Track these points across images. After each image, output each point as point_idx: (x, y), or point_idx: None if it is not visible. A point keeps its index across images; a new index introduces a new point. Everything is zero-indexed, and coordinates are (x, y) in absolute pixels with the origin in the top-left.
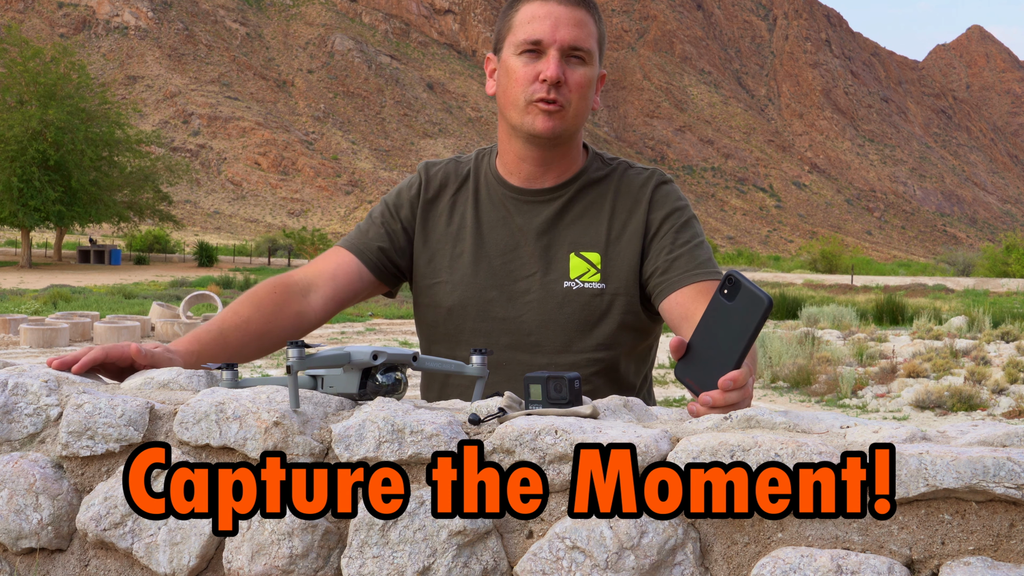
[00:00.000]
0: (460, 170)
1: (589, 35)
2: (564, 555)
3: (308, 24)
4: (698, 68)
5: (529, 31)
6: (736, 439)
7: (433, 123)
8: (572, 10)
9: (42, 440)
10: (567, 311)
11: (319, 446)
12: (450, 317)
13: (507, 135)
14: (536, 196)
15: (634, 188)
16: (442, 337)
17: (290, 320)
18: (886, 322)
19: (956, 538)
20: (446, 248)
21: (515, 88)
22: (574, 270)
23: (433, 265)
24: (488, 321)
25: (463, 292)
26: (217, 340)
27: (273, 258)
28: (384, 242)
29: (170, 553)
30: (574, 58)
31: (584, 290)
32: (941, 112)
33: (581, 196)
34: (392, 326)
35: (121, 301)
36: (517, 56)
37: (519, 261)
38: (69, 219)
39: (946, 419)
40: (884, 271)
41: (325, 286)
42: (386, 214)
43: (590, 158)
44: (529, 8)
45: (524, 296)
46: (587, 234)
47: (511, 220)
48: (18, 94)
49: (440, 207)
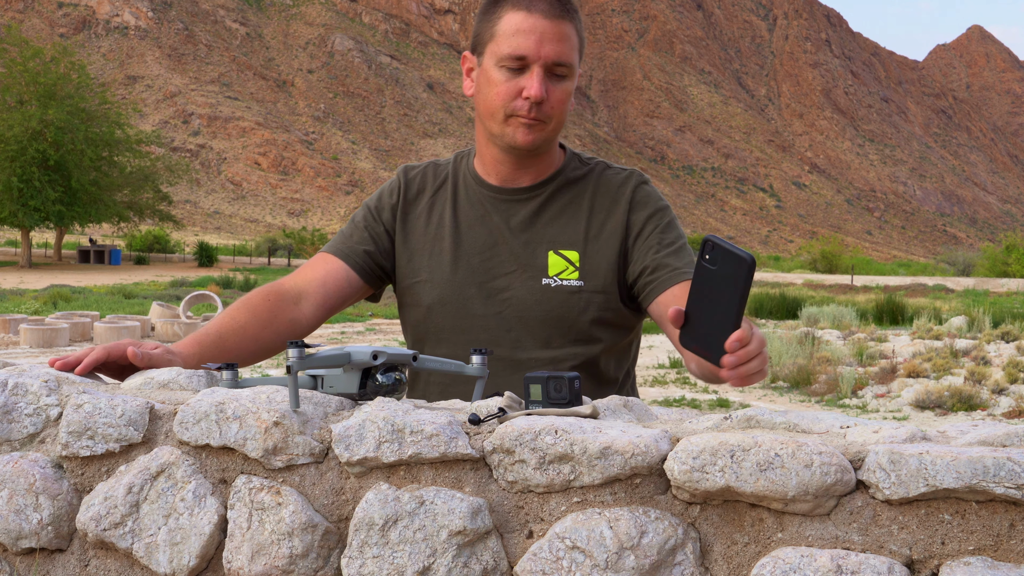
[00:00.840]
0: (439, 172)
1: (571, 48)
2: (564, 555)
3: (308, 24)
4: (698, 68)
5: (514, 45)
6: (736, 439)
7: (433, 123)
8: (556, 24)
9: (42, 440)
10: (546, 308)
11: (319, 446)
12: (430, 315)
13: (485, 139)
14: (514, 195)
15: (613, 187)
16: (424, 335)
17: (284, 327)
18: (886, 322)
19: (956, 538)
20: (425, 248)
21: (496, 100)
22: (552, 268)
23: (412, 265)
24: (467, 318)
25: (442, 290)
26: (216, 343)
27: (273, 258)
28: (369, 245)
29: (170, 553)
30: (556, 75)
31: (563, 287)
32: (941, 112)
33: (559, 195)
34: (392, 326)
35: (121, 301)
36: (499, 69)
37: (497, 259)
38: (69, 219)
39: (946, 419)
40: (884, 271)
41: (316, 293)
42: (368, 218)
43: (568, 158)
44: (513, 19)
45: (502, 293)
46: (565, 232)
47: (489, 218)
48: (18, 94)
49: (419, 209)
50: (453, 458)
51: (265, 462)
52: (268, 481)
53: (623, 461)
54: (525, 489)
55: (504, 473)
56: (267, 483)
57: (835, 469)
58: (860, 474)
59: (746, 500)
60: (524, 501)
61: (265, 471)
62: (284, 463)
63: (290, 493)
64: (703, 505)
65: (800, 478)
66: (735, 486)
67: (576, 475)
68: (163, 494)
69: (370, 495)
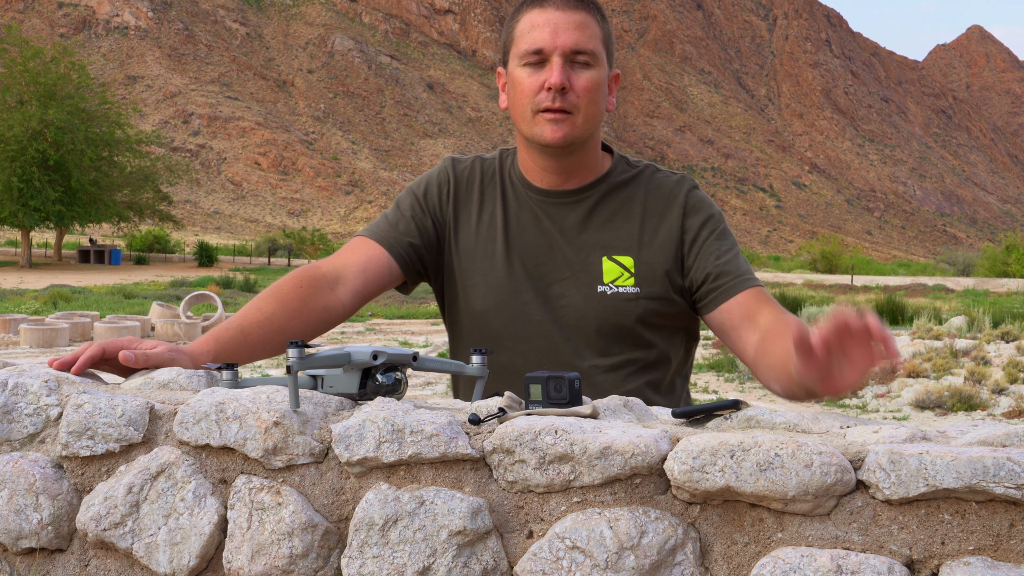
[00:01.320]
0: (486, 168)
1: (592, 36)
2: (564, 555)
3: (308, 24)
4: (698, 68)
5: (530, 40)
6: (736, 439)
7: (433, 123)
8: (571, 14)
9: (42, 440)
10: (602, 316)
11: (319, 446)
12: (485, 320)
13: (524, 145)
14: (563, 198)
15: (664, 191)
16: (476, 341)
17: (316, 315)
18: (886, 322)
19: (956, 538)
20: (477, 248)
21: (522, 99)
22: (607, 274)
23: (463, 264)
24: (527, 325)
25: (497, 295)
26: (237, 338)
27: (273, 258)
28: (415, 238)
29: (170, 553)
30: (578, 63)
31: (619, 294)
32: (941, 112)
33: (609, 198)
34: (392, 326)
35: (121, 301)
36: (522, 67)
37: (551, 264)
38: (69, 219)
39: (946, 419)
40: (884, 271)
41: (355, 279)
42: (416, 208)
43: (616, 161)
44: (528, 17)
45: (559, 300)
46: (618, 237)
47: (540, 222)
48: (18, 94)
49: (471, 206)
50: (453, 458)
51: (265, 462)
52: (268, 481)
53: (623, 461)
54: (525, 489)
55: (504, 473)
56: (267, 483)
57: (835, 469)
58: (860, 474)
59: (746, 500)
60: (524, 501)
61: (265, 471)
62: (284, 463)
63: (290, 493)
64: (703, 505)
65: (800, 478)
66: (735, 486)
67: (576, 475)
68: (163, 494)
69: (370, 495)
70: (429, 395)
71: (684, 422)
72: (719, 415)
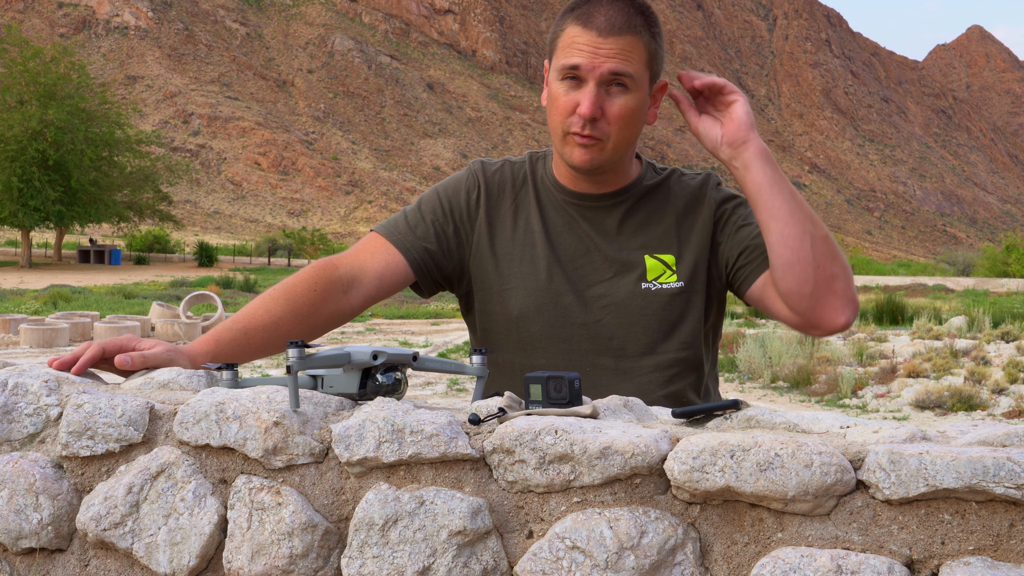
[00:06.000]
0: (516, 172)
1: (634, 60)
2: (564, 555)
3: (308, 24)
4: (698, 68)
5: (568, 56)
6: (736, 439)
7: (433, 123)
8: (614, 40)
9: (42, 440)
10: (648, 313)
11: (319, 446)
12: (522, 324)
13: (557, 152)
14: (598, 201)
15: (693, 188)
16: (515, 345)
17: (324, 319)
18: (886, 322)
19: (956, 538)
20: (515, 254)
21: (556, 116)
22: (651, 272)
23: (500, 270)
24: (567, 327)
25: (537, 298)
26: (239, 339)
27: (273, 258)
28: (432, 243)
29: (170, 553)
30: (616, 85)
31: (663, 291)
32: (941, 112)
33: (643, 201)
34: (392, 326)
35: (121, 301)
36: (559, 81)
37: (592, 265)
38: (69, 219)
39: (946, 419)
40: (884, 271)
41: (370, 285)
42: (438, 211)
43: (644, 167)
44: (572, 31)
45: (600, 300)
46: (657, 236)
47: (578, 225)
48: (18, 94)
49: (503, 210)
50: (453, 458)
51: (265, 462)
52: (268, 481)
53: (623, 461)
54: (525, 489)
55: (504, 473)
56: (267, 483)
57: (835, 469)
58: (860, 474)
59: (746, 500)
60: (524, 501)
61: (265, 471)
62: (284, 463)
63: (290, 493)
64: (703, 505)
65: (800, 478)
66: (735, 486)
67: (576, 475)
68: (163, 494)
69: (370, 495)
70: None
71: (684, 422)
72: (719, 415)
